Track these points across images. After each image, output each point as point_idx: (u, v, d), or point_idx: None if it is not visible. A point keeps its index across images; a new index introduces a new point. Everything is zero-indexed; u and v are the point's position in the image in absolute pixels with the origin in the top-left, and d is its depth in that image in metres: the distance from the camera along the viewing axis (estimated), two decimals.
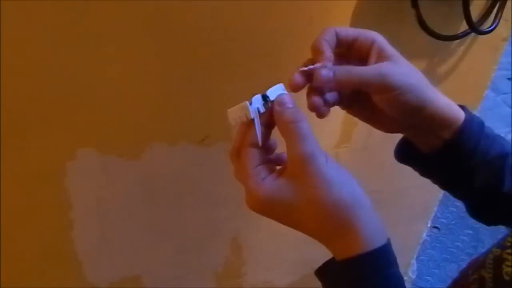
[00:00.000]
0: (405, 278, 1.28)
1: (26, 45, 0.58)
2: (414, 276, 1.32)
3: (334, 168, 0.38)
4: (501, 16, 0.78)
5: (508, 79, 2.68)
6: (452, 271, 1.69)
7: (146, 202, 0.80)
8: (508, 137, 2.34)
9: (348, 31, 0.43)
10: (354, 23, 0.74)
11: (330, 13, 0.71)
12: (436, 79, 0.89)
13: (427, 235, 1.23)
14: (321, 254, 0.40)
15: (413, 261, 1.25)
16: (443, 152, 0.45)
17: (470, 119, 0.45)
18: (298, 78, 0.42)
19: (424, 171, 0.48)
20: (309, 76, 0.42)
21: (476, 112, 0.98)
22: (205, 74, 0.69)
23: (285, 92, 0.42)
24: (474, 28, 0.77)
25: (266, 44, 0.71)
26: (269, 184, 0.39)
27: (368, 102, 0.44)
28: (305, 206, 0.38)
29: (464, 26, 0.78)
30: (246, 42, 0.69)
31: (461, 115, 0.45)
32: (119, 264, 0.86)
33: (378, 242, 0.37)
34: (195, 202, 0.83)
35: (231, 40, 0.68)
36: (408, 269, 1.27)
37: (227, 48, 0.69)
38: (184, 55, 0.67)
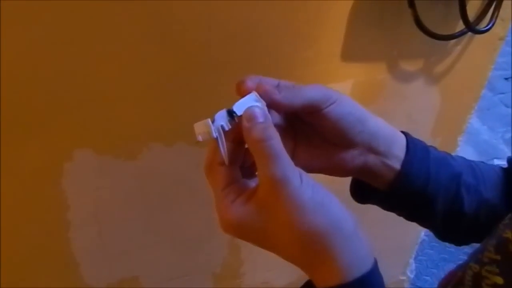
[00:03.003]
0: (403, 277, 1.29)
1: (26, 45, 0.58)
2: (412, 276, 1.32)
3: (310, 189, 0.34)
4: (497, 15, 0.79)
5: (505, 79, 2.69)
6: None
7: (143, 203, 0.79)
8: (508, 136, 2.35)
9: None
10: (351, 23, 0.74)
11: (327, 13, 0.72)
12: (433, 79, 0.89)
13: (425, 235, 1.23)
14: None
15: (411, 260, 1.25)
16: (395, 188, 0.43)
17: (413, 146, 0.43)
18: (250, 84, 0.38)
19: (384, 208, 0.47)
20: None
21: (473, 112, 0.99)
22: (201, 74, 0.69)
23: (258, 103, 0.37)
24: (471, 27, 0.77)
25: (264, 44, 0.71)
26: (237, 208, 0.36)
27: (313, 144, 0.42)
28: (277, 234, 0.35)
29: (460, 26, 0.78)
30: (243, 42, 0.69)
31: (403, 138, 0.44)
32: (116, 265, 0.85)
33: (359, 271, 0.34)
34: (192, 203, 0.83)
35: (228, 40, 0.68)
36: (407, 268, 1.27)
37: (224, 48, 0.69)
38: (181, 56, 0.67)
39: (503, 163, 0.48)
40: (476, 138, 2.36)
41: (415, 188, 0.43)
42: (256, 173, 0.39)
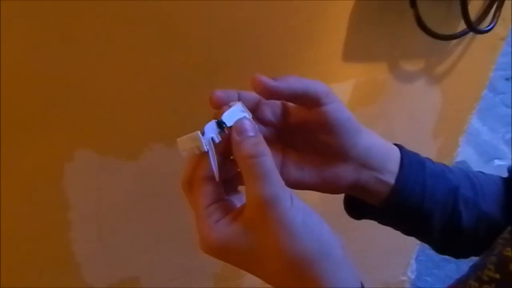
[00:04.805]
0: (404, 278, 1.29)
1: (26, 45, 0.58)
2: (413, 277, 1.32)
3: (300, 212, 0.33)
4: (499, 15, 0.79)
5: (506, 79, 2.69)
6: (451, 271, 1.69)
7: (144, 203, 0.79)
8: (508, 137, 2.35)
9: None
10: (352, 23, 0.74)
11: (328, 12, 0.71)
12: (434, 79, 0.89)
13: None
14: None
15: (412, 261, 1.25)
16: (390, 205, 0.42)
17: (408, 162, 0.42)
18: (220, 93, 0.36)
19: (381, 223, 0.46)
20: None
21: (474, 112, 0.99)
22: (203, 74, 0.69)
23: (246, 113, 0.35)
24: (472, 27, 0.77)
25: (264, 44, 0.71)
26: (222, 229, 0.33)
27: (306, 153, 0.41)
28: (264, 258, 0.33)
29: (462, 26, 0.78)
30: (244, 42, 0.69)
31: (397, 153, 0.42)
32: (117, 266, 0.85)
33: None
34: None
35: (229, 40, 0.68)
36: (407, 269, 1.27)
37: (225, 48, 0.69)
38: (182, 56, 0.67)
39: (504, 163, 0.48)
40: (477, 138, 2.36)
41: (410, 204, 0.41)
42: (238, 188, 0.38)
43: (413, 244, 1.20)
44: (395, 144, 0.44)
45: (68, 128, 0.66)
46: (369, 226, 0.50)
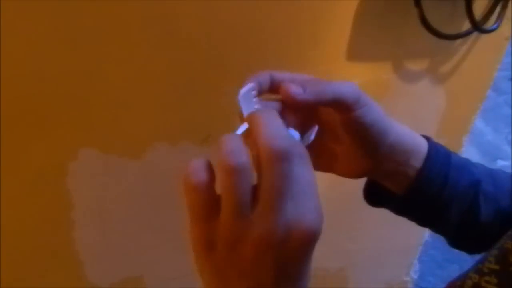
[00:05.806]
0: (407, 278, 1.28)
1: (26, 45, 0.58)
2: (416, 277, 1.31)
3: None
4: (504, 15, 0.78)
5: (510, 79, 2.68)
6: (454, 271, 1.68)
7: (147, 202, 0.79)
8: (509, 138, 2.34)
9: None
10: (357, 23, 0.74)
11: (333, 12, 0.71)
12: (438, 79, 0.89)
13: (429, 236, 1.23)
14: (321, 253, 0.39)
15: (415, 261, 1.25)
16: (412, 191, 0.42)
17: (435, 153, 0.42)
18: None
19: (398, 212, 0.46)
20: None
21: (478, 112, 0.98)
22: (206, 73, 0.69)
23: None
24: (477, 27, 0.77)
25: (268, 44, 0.71)
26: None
27: (332, 140, 0.41)
28: None
29: (467, 25, 0.78)
30: (248, 41, 0.69)
31: (425, 147, 0.42)
32: (120, 264, 0.85)
33: None
34: None
35: (232, 39, 0.68)
36: (410, 269, 1.27)
37: (228, 47, 0.69)
38: (185, 54, 0.67)
39: (507, 164, 0.48)
40: (480, 138, 2.35)
41: (430, 192, 0.42)
42: None
43: (416, 244, 1.20)
44: (424, 136, 0.44)
45: (72, 127, 0.66)
46: (372, 226, 0.50)
